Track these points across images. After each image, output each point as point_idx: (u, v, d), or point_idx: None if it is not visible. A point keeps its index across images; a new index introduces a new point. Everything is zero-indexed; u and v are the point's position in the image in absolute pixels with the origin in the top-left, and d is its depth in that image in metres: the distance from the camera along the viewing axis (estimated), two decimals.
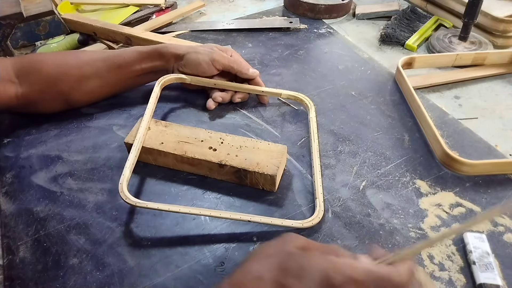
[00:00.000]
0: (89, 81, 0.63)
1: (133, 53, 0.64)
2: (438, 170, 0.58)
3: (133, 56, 0.63)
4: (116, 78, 0.64)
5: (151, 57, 0.64)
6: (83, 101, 0.66)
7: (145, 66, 0.64)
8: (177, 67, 0.65)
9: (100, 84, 0.64)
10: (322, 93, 0.72)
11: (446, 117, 0.66)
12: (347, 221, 0.51)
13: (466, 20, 0.78)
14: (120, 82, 0.65)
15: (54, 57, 0.64)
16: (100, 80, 0.63)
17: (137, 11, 0.93)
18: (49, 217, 0.52)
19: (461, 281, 0.45)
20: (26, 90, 0.60)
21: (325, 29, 0.90)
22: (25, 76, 0.61)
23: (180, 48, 0.65)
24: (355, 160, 0.59)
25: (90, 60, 0.63)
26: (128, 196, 0.49)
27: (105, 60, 0.63)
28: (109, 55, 0.64)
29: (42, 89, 0.61)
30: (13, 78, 0.60)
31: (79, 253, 0.48)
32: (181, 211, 0.48)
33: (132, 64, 0.64)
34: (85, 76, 0.62)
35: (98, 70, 0.63)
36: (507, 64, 0.77)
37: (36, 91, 0.61)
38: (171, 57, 0.64)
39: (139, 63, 0.64)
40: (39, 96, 0.62)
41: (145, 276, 0.46)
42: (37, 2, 0.84)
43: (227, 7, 1.02)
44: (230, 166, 0.53)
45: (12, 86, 0.60)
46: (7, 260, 0.48)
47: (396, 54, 0.83)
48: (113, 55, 0.64)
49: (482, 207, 0.53)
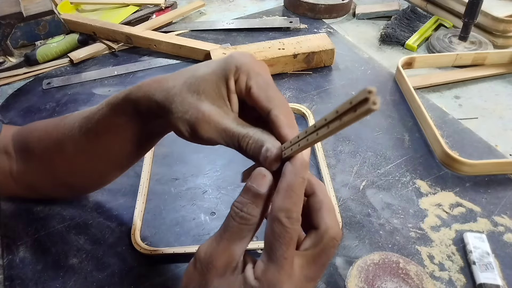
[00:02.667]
0: (74, 158, 0.45)
1: (104, 109, 0.40)
2: (438, 170, 0.58)
3: (105, 113, 0.40)
4: (99, 149, 0.43)
5: (124, 112, 0.39)
6: (88, 186, 0.51)
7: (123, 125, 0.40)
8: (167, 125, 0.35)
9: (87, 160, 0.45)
10: (322, 93, 0.72)
11: (446, 117, 0.66)
12: (347, 221, 0.51)
13: (466, 20, 0.78)
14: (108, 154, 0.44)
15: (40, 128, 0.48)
16: (84, 155, 0.44)
17: (137, 10, 0.93)
18: (49, 217, 0.52)
19: (461, 281, 0.45)
20: (20, 169, 0.48)
21: (325, 29, 0.90)
22: (19, 152, 0.48)
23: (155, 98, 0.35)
24: (355, 160, 0.59)
25: (68, 129, 0.44)
26: (142, 246, 0.48)
27: (81, 127, 0.42)
28: (84, 119, 0.42)
29: (33, 169, 0.48)
30: (10, 151, 0.48)
31: (79, 253, 0.48)
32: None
33: (108, 125, 0.41)
34: (67, 152, 0.44)
35: (77, 142, 0.43)
36: (507, 64, 0.77)
37: (28, 173, 0.48)
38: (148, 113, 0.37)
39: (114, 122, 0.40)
40: (33, 178, 0.49)
41: (145, 276, 0.46)
42: (37, 2, 0.84)
43: (227, 7, 1.02)
44: (301, 54, 0.73)
45: (6, 161, 0.48)
46: (7, 260, 0.48)
47: (396, 54, 0.83)
48: (87, 118, 0.42)
49: (482, 207, 0.53)
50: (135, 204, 0.53)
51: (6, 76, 0.78)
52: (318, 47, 0.75)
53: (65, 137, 0.44)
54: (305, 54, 0.74)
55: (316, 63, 0.77)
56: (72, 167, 0.46)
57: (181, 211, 0.53)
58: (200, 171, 0.58)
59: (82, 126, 0.42)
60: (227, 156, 0.59)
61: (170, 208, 0.53)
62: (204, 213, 0.53)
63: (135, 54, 0.83)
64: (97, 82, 0.76)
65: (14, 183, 0.49)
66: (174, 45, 0.81)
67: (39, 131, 0.48)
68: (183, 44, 0.80)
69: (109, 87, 0.75)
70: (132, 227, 0.50)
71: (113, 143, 0.42)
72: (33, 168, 0.48)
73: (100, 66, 0.80)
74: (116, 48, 0.83)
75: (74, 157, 0.45)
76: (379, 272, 0.41)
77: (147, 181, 0.56)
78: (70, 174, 0.47)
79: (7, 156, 0.49)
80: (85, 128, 0.42)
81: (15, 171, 0.49)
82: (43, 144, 0.46)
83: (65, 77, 0.77)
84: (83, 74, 0.78)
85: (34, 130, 0.49)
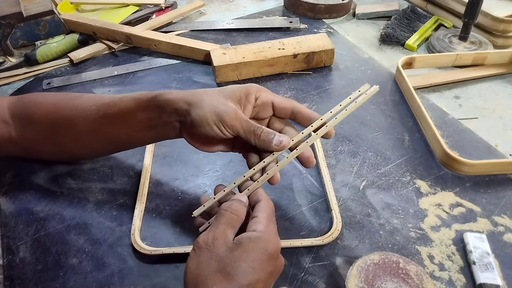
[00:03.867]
0: (82, 134, 0.52)
1: (129, 102, 0.49)
2: (438, 170, 0.58)
3: (128, 105, 0.49)
4: (111, 133, 0.51)
5: (149, 107, 0.48)
6: (87, 155, 0.58)
7: (141, 118, 0.48)
8: (183, 126, 0.47)
9: (95, 138, 0.52)
10: (322, 93, 0.72)
11: (446, 117, 0.66)
12: (347, 221, 0.51)
13: (466, 20, 0.78)
14: (118, 137, 0.52)
15: (47, 102, 0.54)
16: (94, 134, 0.52)
17: (137, 10, 0.93)
18: (49, 217, 0.52)
19: (461, 281, 0.45)
20: (19, 135, 0.54)
21: (325, 29, 0.90)
22: (18, 120, 0.54)
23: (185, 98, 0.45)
24: (355, 160, 0.59)
25: (83, 109, 0.51)
26: (142, 246, 0.48)
27: (98, 110, 0.50)
28: (104, 104, 0.50)
29: (34, 137, 0.54)
30: (7, 119, 0.54)
31: (79, 253, 0.48)
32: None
33: (128, 115, 0.49)
34: (76, 128, 0.51)
35: (91, 122, 0.50)
36: (507, 64, 0.77)
37: (29, 139, 0.54)
38: (172, 111, 0.46)
39: (135, 114, 0.48)
40: (33, 144, 0.55)
41: (145, 276, 0.46)
42: (37, 2, 0.84)
43: (227, 7, 1.02)
44: (301, 54, 0.74)
45: (5, 128, 0.53)
46: (7, 260, 0.48)
47: (396, 54, 0.83)
48: (108, 104, 0.50)
49: (482, 207, 0.53)
50: (135, 204, 0.53)
51: (6, 76, 0.78)
52: (318, 47, 0.76)
53: (78, 116, 0.51)
54: (305, 54, 0.74)
55: (316, 63, 0.77)
56: (79, 142, 0.53)
57: (181, 211, 0.53)
58: (200, 171, 0.58)
59: (100, 110, 0.50)
60: (227, 156, 0.59)
61: (170, 208, 0.53)
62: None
63: (135, 54, 0.83)
64: (97, 82, 0.76)
65: (13, 146, 0.54)
66: (174, 45, 0.81)
67: (47, 104, 0.53)
68: (183, 44, 0.80)
69: (109, 87, 0.75)
70: (132, 227, 0.50)
71: (125, 131, 0.50)
72: (34, 136, 0.53)
73: (100, 66, 0.80)
74: (116, 48, 0.83)
75: (84, 135, 0.52)
76: (379, 272, 0.41)
77: (147, 181, 0.56)
78: (75, 146, 0.54)
79: (5, 125, 0.53)
80: (102, 113, 0.50)
81: (14, 136, 0.54)
82: (52, 117, 0.52)
83: (65, 77, 0.77)
84: (83, 74, 0.78)
85: (39, 103, 0.54)
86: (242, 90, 0.46)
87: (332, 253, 0.48)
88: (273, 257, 0.38)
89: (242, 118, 0.44)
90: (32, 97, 0.56)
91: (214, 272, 0.36)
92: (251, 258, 0.36)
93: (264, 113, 0.48)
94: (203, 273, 0.36)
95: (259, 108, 0.47)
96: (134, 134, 0.50)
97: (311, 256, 0.48)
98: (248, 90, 0.46)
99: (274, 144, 0.43)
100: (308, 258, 0.47)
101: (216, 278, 0.35)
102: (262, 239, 0.38)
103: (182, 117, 0.46)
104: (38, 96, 0.56)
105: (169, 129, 0.48)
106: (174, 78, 0.76)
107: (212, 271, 0.36)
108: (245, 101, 0.46)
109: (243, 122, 0.44)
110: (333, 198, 0.53)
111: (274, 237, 0.39)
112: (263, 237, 0.38)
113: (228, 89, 0.46)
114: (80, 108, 0.51)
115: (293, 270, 0.46)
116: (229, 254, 0.37)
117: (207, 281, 0.35)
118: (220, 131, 0.44)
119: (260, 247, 0.37)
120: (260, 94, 0.47)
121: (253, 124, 0.44)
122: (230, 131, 0.44)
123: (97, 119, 0.50)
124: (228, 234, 0.39)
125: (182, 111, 0.45)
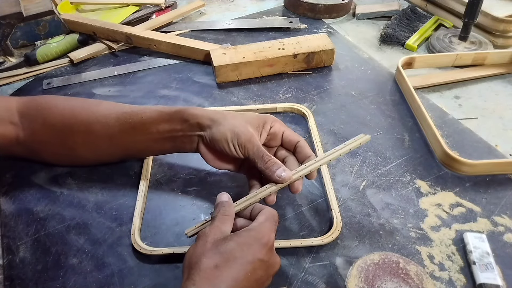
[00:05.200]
0: (98, 140, 0.54)
1: (152, 113, 0.52)
2: (438, 170, 0.58)
3: (151, 116, 0.52)
4: (128, 141, 0.53)
5: (172, 120, 0.51)
6: (91, 159, 0.58)
7: (162, 129, 0.51)
8: (201, 140, 0.51)
9: (110, 145, 0.54)
10: (322, 93, 0.72)
11: (446, 117, 0.66)
12: (347, 221, 0.51)
13: (466, 20, 0.78)
14: (134, 146, 0.54)
15: (63, 106, 0.55)
16: (110, 141, 0.54)
17: (137, 11, 0.93)
18: (49, 217, 0.52)
19: (461, 281, 0.45)
20: (28, 137, 0.54)
21: (325, 29, 0.90)
22: (29, 122, 0.54)
23: (210, 115, 0.50)
24: (355, 160, 0.59)
25: (102, 116, 0.53)
26: (142, 246, 0.48)
27: (119, 118, 0.52)
28: (125, 113, 0.53)
29: (45, 139, 0.55)
30: (15, 120, 0.54)
31: (79, 253, 0.48)
32: None
33: (149, 126, 0.52)
34: (93, 133, 0.53)
35: (110, 129, 0.53)
36: (507, 64, 0.77)
37: (38, 141, 0.55)
38: (195, 125, 0.50)
39: (156, 125, 0.51)
40: (41, 146, 0.56)
41: (145, 276, 0.46)
42: (37, 2, 0.84)
43: (227, 7, 1.02)
44: (301, 54, 0.73)
45: (13, 129, 0.54)
46: (7, 260, 0.48)
47: (396, 54, 0.83)
48: (129, 114, 0.52)
49: (482, 207, 0.53)
50: (135, 204, 0.53)
51: (6, 76, 0.78)
52: (318, 47, 0.76)
53: (97, 122, 0.53)
54: (305, 54, 0.74)
55: (316, 63, 0.77)
56: (93, 147, 0.55)
57: (181, 211, 0.53)
58: (200, 171, 0.58)
59: (120, 118, 0.52)
60: None
61: (170, 208, 0.53)
62: (204, 213, 0.53)
63: (135, 54, 0.83)
64: (97, 82, 0.76)
65: (19, 148, 0.55)
66: (174, 45, 0.81)
67: (62, 109, 0.55)
68: (183, 44, 0.80)
69: (109, 87, 0.75)
70: (132, 227, 0.50)
71: (143, 140, 0.53)
72: (45, 138, 0.54)
73: (100, 66, 0.80)
74: (116, 48, 0.83)
75: (100, 140, 0.54)
76: (379, 272, 0.41)
77: (147, 181, 0.56)
78: (87, 151, 0.56)
79: (13, 126, 0.54)
80: (123, 121, 0.52)
81: (21, 138, 0.54)
82: (68, 121, 0.54)
83: (65, 77, 0.77)
84: (83, 74, 0.78)
85: (53, 106, 0.55)
86: (261, 118, 0.51)
87: (332, 253, 0.48)
88: (264, 247, 0.40)
89: (255, 143, 0.48)
90: (46, 99, 0.57)
91: (207, 250, 0.39)
92: (241, 240, 0.40)
93: (274, 142, 0.52)
94: (198, 251, 0.39)
95: (271, 136, 0.51)
96: (152, 144, 0.53)
97: (311, 256, 0.48)
98: (266, 120, 0.51)
99: (276, 175, 0.46)
100: (308, 258, 0.47)
101: (208, 253, 0.39)
102: (255, 229, 0.41)
103: (203, 132, 0.50)
104: (53, 99, 0.57)
105: (186, 142, 0.51)
106: (174, 78, 0.76)
107: (206, 249, 0.39)
108: (262, 128, 0.50)
109: (255, 146, 0.48)
110: (333, 198, 0.53)
111: (268, 232, 0.42)
112: (256, 228, 0.42)
113: (250, 115, 0.51)
114: (100, 114, 0.53)
115: (293, 270, 0.46)
116: (223, 239, 0.40)
117: (200, 257, 0.39)
118: (234, 149, 0.48)
119: (251, 235, 0.41)
120: (275, 124, 0.51)
121: (264, 151, 0.48)
122: (242, 151, 0.48)
123: (116, 126, 0.52)
124: (223, 228, 0.42)
125: (204, 126, 0.49)
